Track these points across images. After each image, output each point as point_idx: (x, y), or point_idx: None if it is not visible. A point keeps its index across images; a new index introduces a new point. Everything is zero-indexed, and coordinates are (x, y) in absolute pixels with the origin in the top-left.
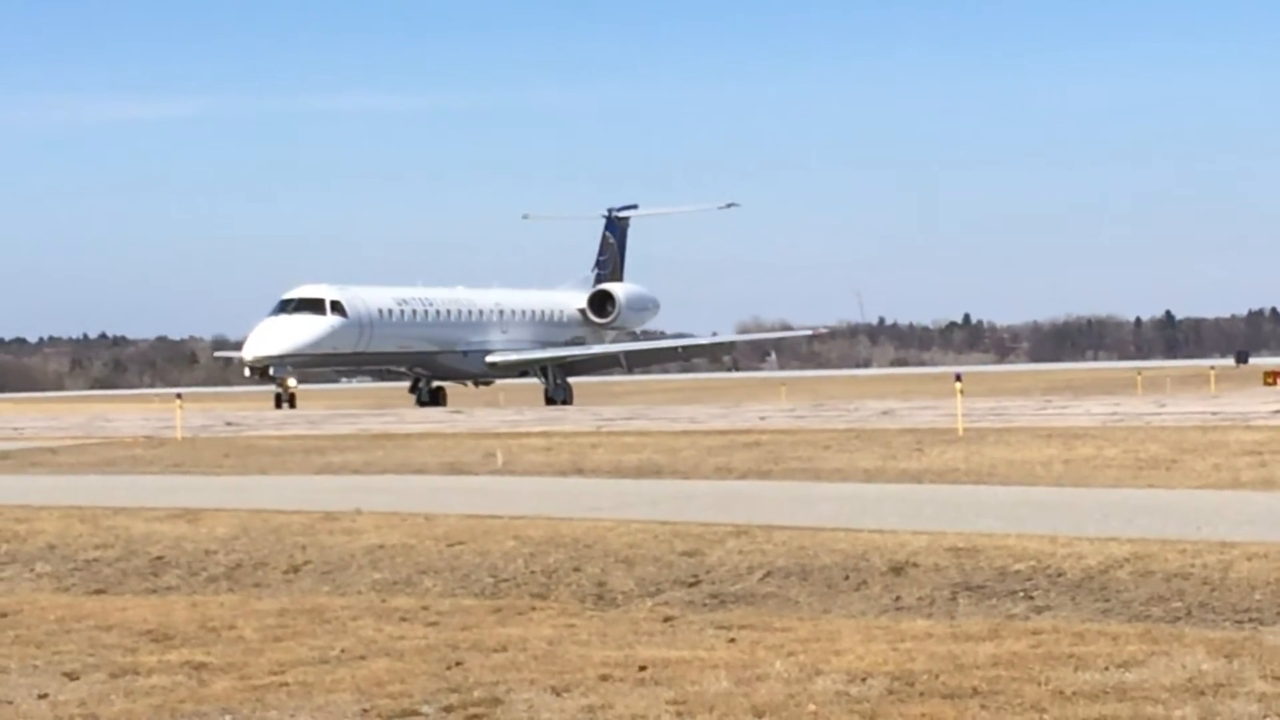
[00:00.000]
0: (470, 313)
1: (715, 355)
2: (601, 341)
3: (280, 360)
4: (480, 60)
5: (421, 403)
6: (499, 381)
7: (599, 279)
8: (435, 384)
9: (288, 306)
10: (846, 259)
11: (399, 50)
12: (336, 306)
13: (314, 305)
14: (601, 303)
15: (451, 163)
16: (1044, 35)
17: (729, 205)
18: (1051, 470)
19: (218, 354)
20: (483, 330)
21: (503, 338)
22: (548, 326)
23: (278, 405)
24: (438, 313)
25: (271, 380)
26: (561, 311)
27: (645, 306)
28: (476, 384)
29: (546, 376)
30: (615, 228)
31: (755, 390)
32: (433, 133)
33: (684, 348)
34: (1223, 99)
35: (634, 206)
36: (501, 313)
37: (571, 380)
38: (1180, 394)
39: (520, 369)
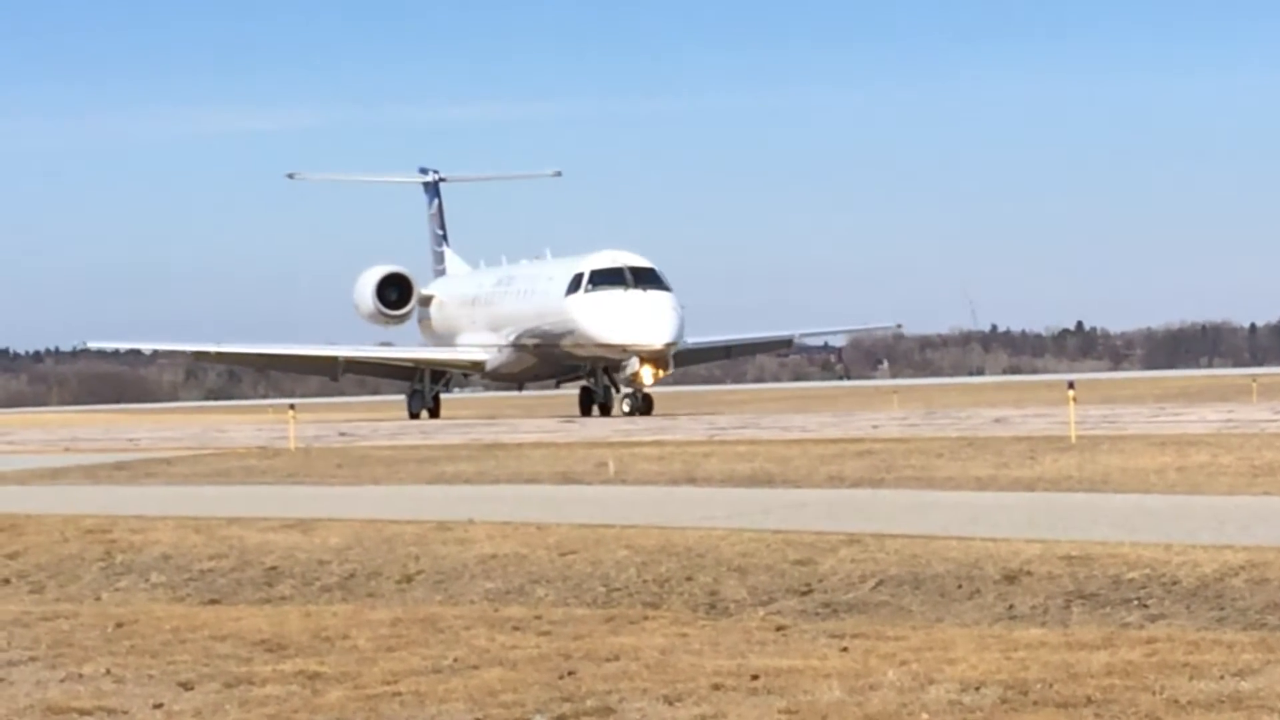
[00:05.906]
0: None
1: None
2: None
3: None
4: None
5: (414, 413)
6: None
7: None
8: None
9: (621, 279)
10: (959, 265)
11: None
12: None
13: (652, 279)
14: None
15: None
16: (1148, 38)
17: (555, 174)
18: (1165, 478)
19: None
20: None
21: None
22: None
23: (631, 411)
24: None
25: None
26: None
27: None
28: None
29: (595, 379)
30: (436, 193)
31: (867, 399)
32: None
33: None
34: None
35: (434, 170)
36: None
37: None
38: None
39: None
